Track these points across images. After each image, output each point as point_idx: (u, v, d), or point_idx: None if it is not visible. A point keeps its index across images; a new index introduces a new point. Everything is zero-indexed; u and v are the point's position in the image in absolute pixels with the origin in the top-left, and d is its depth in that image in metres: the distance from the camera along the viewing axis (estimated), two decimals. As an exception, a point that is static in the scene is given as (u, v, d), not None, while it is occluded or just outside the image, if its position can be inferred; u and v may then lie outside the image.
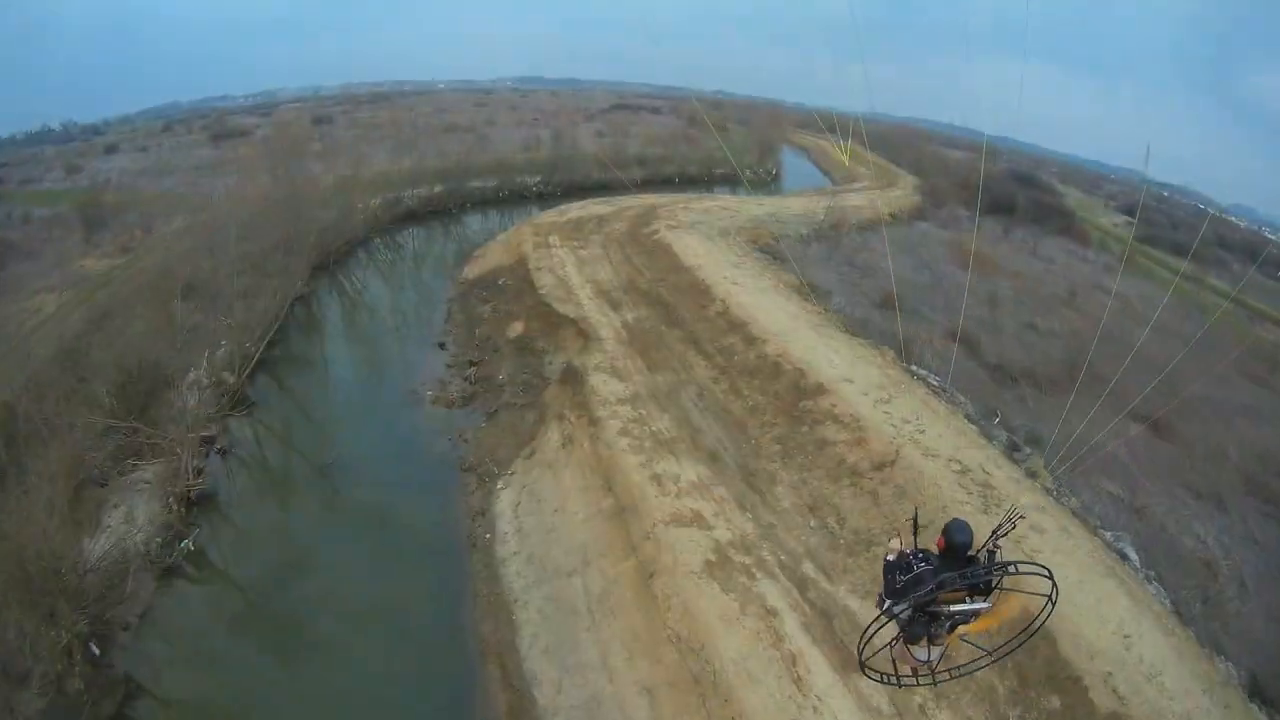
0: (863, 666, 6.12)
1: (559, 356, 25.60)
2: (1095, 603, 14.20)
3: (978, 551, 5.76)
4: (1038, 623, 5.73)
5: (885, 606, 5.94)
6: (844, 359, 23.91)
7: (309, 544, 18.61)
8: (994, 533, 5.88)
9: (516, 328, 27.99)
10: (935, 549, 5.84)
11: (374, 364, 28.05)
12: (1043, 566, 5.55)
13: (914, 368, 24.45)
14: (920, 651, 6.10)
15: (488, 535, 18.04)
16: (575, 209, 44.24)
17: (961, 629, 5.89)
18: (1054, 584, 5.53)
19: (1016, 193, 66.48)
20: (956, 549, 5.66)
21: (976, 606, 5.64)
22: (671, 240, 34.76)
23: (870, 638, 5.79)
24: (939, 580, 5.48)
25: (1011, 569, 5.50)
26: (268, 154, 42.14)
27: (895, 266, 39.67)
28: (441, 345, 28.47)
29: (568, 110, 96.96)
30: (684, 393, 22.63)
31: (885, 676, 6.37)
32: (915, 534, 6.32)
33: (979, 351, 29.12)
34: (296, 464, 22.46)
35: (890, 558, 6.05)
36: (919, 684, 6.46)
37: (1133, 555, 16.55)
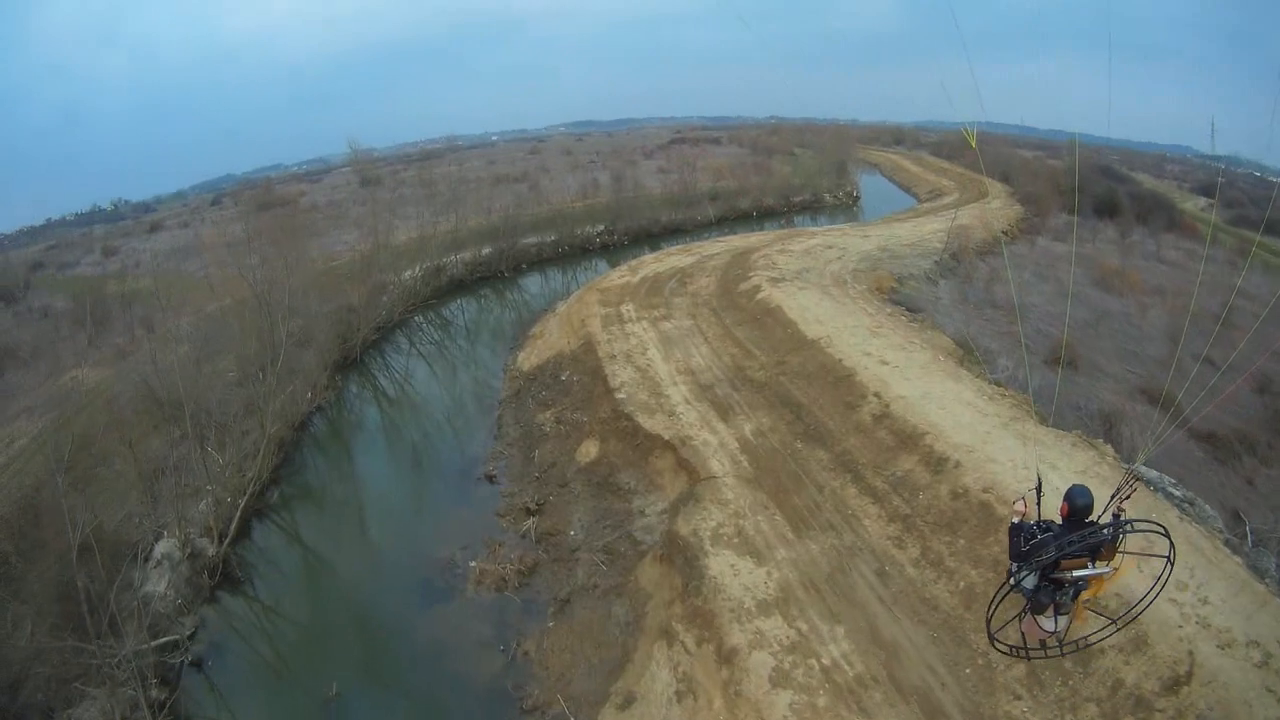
0: (992, 640, 6.19)
1: (653, 500, 17.72)
2: None
3: (1098, 516, 5.76)
4: (1159, 584, 5.81)
5: (1012, 574, 5.95)
6: (1067, 479, 15.24)
7: None
8: (1113, 496, 5.94)
9: (589, 450, 20.28)
10: (1059, 518, 5.88)
11: (402, 510, 20.77)
12: (1159, 524, 5.67)
13: (1140, 468, 15.96)
14: (1047, 622, 6.10)
15: None
16: (649, 262, 36.94)
17: (1085, 594, 5.85)
18: (1171, 543, 5.69)
19: (1115, 190, 59.47)
20: (1079, 513, 5.73)
21: (1099, 570, 5.69)
22: (781, 300, 26.68)
23: (997, 606, 5.97)
24: (1062, 542, 5.58)
25: (1129, 527, 5.58)
26: (286, 228, 36.39)
27: (1038, 299, 31.86)
28: (490, 478, 20.94)
29: (625, 150, 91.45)
30: (855, 572, 14.29)
31: (1015, 649, 6.40)
32: (1039, 504, 6.23)
33: (1181, 413, 22.25)
34: (285, 694, 15.28)
35: (1015, 520, 6.08)
36: (1047, 656, 6.45)
37: None
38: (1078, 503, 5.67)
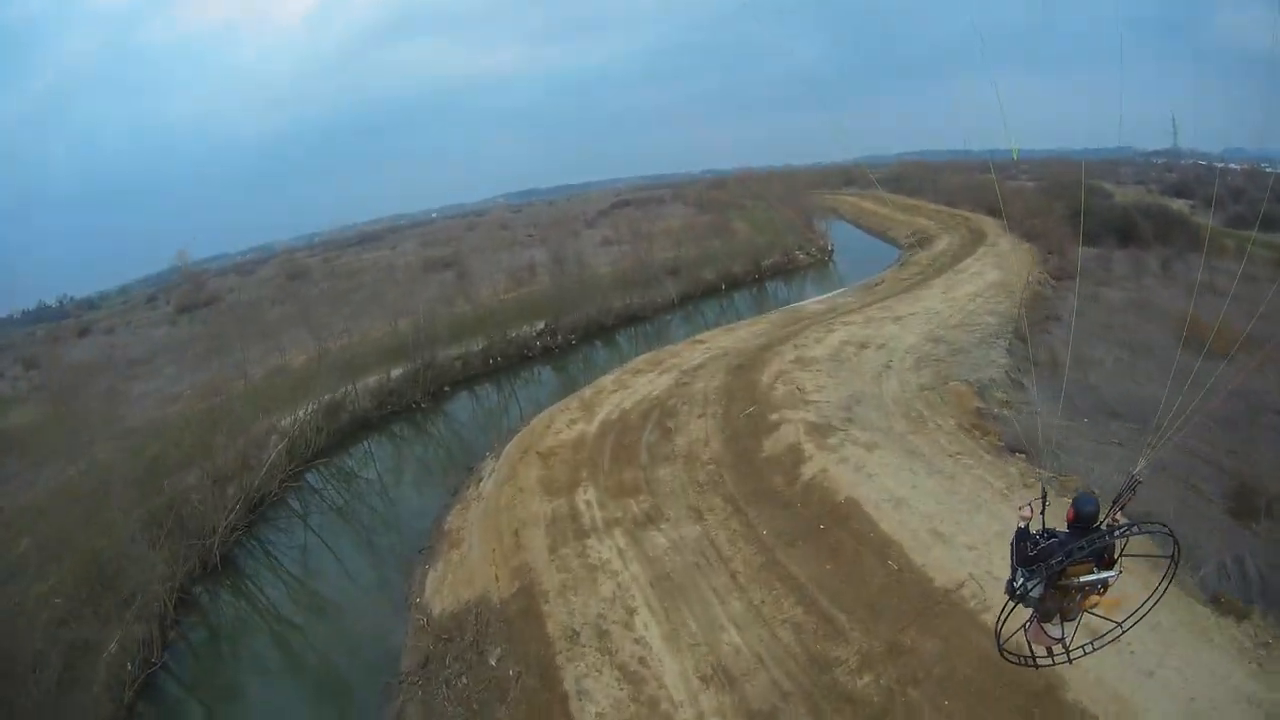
0: (1001, 650, 6.24)
1: None
2: None
3: (1101, 522, 5.73)
4: (1163, 584, 5.81)
5: (1018, 583, 5.91)
6: None
7: None
8: (1114, 501, 5.98)
9: None
10: (1064, 524, 5.86)
11: None
12: (1163, 525, 5.71)
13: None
14: (1054, 629, 6.05)
15: None
16: (608, 391, 26.35)
17: (1092, 599, 5.82)
18: (1176, 543, 5.65)
19: (1129, 212, 50.93)
20: (1085, 519, 5.68)
21: (1104, 575, 5.68)
22: (849, 483, 16.10)
23: (1006, 618, 5.88)
24: (1068, 549, 5.53)
25: (1134, 530, 5.55)
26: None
27: (1148, 385, 21.96)
28: None
29: (566, 218, 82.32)
30: None
31: (1023, 659, 6.35)
32: (1044, 512, 6.14)
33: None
34: None
35: (1021, 525, 6.03)
36: (1055, 663, 6.35)
37: None
38: (1084, 510, 5.66)
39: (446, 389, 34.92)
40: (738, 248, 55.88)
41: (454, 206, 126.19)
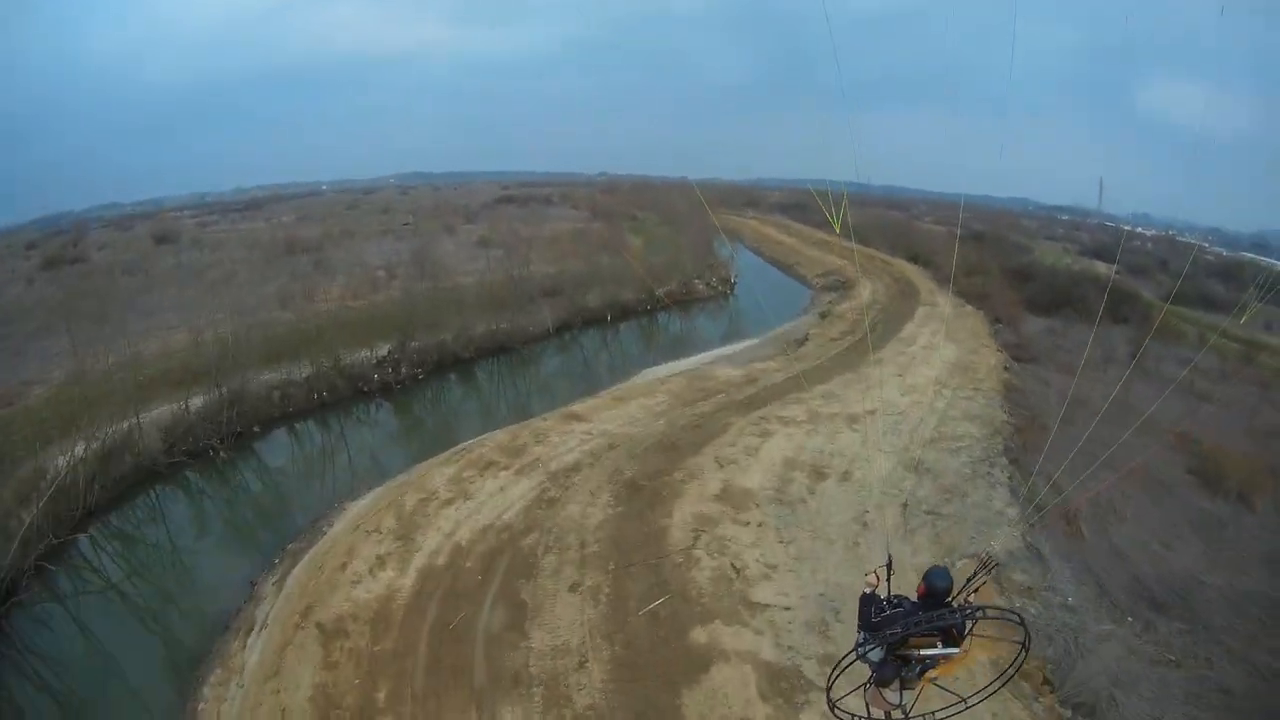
0: (832, 706, 6.08)
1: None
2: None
3: (952, 599, 5.66)
4: (1011, 669, 5.77)
5: (858, 643, 5.92)
6: None
7: None
8: (968, 581, 5.89)
9: None
10: (915, 596, 5.79)
11: None
12: (1014, 612, 5.66)
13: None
14: (892, 695, 5.99)
15: None
16: (439, 499, 19.41)
17: (932, 673, 5.77)
18: (1026, 631, 5.59)
19: (1079, 283, 47.26)
20: (937, 594, 5.62)
21: (947, 651, 5.61)
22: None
23: (839, 674, 5.82)
24: (909, 622, 5.47)
25: (982, 614, 5.47)
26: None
27: (1164, 541, 19.00)
28: None
29: (447, 208, 76.34)
30: None
31: (855, 718, 6.13)
32: (889, 579, 6.19)
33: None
34: None
35: (866, 590, 6.00)
36: None
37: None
38: (936, 585, 5.59)
39: (257, 429, 29.22)
40: (629, 269, 51.84)
41: (345, 181, 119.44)
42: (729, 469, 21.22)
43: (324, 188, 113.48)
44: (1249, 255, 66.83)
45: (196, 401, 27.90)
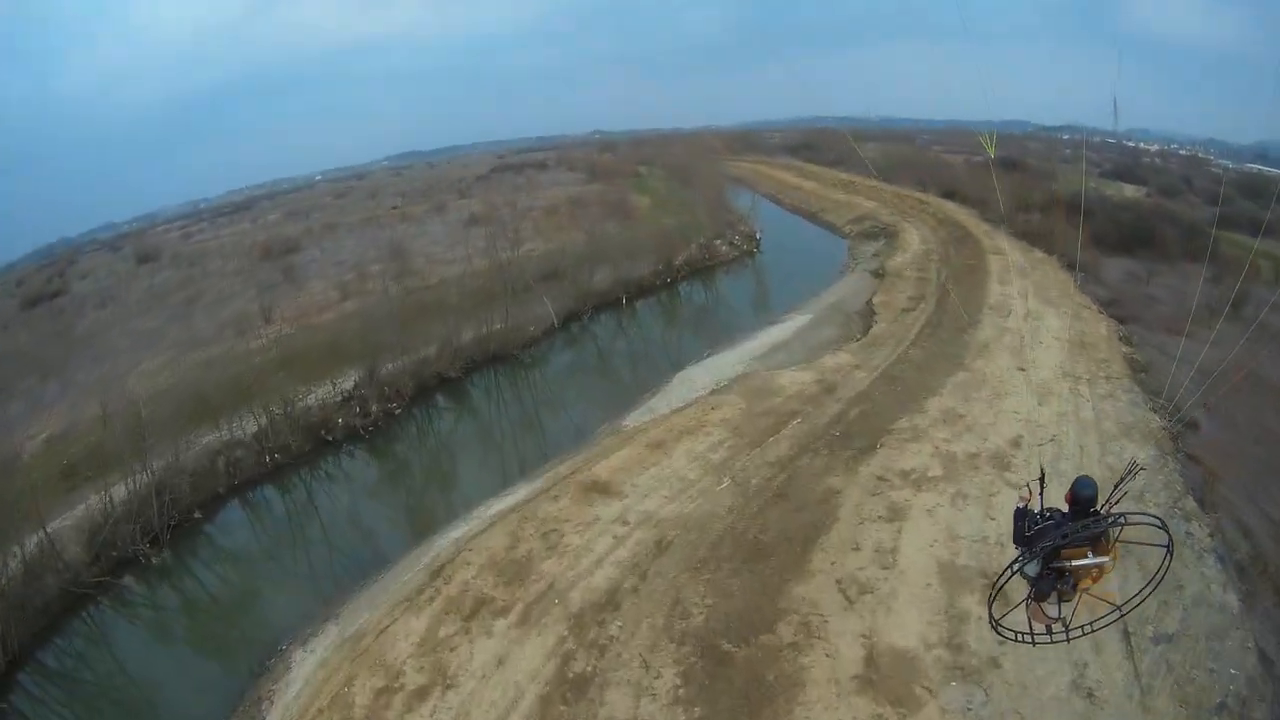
0: (995, 625, 6.10)
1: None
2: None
3: (1101, 507, 5.68)
4: (1160, 573, 5.66)
5: (1015, 559, 5.86)
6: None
7: None
8: (1116, 485, 5.86)
9: None
10: (1064, 506, 5.79)
11: None
12: (1156, 517, 5.60)
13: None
14: (1051, 608, 5.98)
15: None
16: (402, 653, 13.48)
17: (1085, 583, 5.76)
18: (1169, 534, 5.51)
19: (1148, 218, 39.35)
20: (1082, 503, 5.64)
21: (1098, 560, 5.62)
22: None
23: (999, 590, 5.84)
24: (1062, 532, 5.50)
25: (1125, 520, 5.47)
26: None
27: None
28: None
29: (441, 184, 70.08)
30: None
31: (1019, 635, 6.19)
32: (1042, 493, 6.11)
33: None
34: None
35: (1020, 505, 6.01)
36: (1053, 641, 6.19)
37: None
38: (1082, 494, 5.62)
39: (198, 514, 23.30)
40: (641, 236, 44.09)
41: (339, 169, 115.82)
42: (862, 606, 13.47)
43: (318, 178, 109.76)
44: (1255, 166, 59.16)
45: (120, 491, 22.17)
